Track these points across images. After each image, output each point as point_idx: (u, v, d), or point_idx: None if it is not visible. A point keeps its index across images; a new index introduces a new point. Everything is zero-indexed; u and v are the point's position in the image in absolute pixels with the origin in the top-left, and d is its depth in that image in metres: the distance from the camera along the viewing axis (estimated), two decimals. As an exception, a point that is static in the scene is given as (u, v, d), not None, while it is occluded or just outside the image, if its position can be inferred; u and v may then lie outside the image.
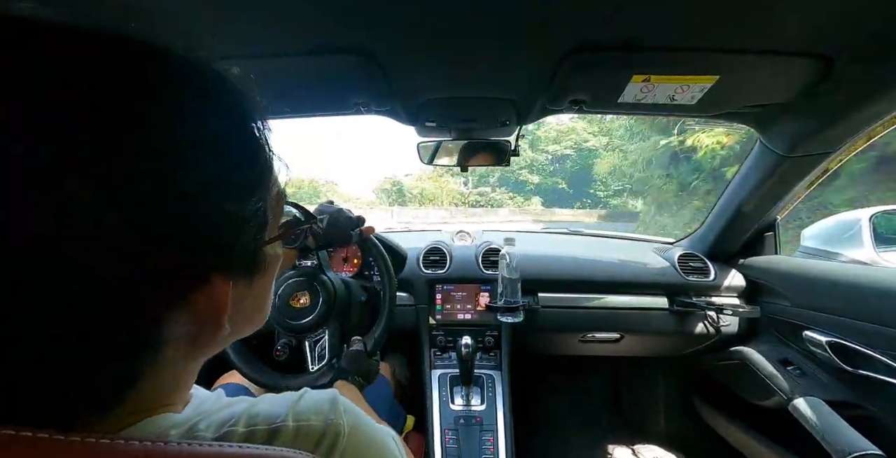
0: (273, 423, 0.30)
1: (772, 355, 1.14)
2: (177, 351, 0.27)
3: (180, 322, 0.25)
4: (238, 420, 0.30)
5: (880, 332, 0.86)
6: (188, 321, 0.25)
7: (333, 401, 0.35)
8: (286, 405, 0.32)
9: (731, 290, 1.26)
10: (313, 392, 0.36)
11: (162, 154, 0.22)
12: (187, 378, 0.32)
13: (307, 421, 0.31)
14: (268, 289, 0.35)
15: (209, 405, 0.32)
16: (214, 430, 0.29)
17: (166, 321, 0.24)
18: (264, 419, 0.30)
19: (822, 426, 0.92)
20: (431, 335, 1.24)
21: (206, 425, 0.29)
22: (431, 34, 0.67)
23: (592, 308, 1.27)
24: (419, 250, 1.36)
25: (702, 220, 1.39)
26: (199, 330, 0.27)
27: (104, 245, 0.20)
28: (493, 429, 1.05)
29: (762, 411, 1.22)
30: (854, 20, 0.61)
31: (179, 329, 0.25)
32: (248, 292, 0.31)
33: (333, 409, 0.34)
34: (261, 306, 0.35)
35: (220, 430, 0.29)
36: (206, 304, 0.25)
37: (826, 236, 1.18)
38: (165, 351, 0.25)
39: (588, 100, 0.87)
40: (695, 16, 0.61)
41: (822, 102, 0.83)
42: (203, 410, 0.31)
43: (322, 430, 0.31)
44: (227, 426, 0.29)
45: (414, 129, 1.13)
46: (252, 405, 0.32)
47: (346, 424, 0.33)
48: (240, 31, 0.66)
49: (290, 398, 0.34)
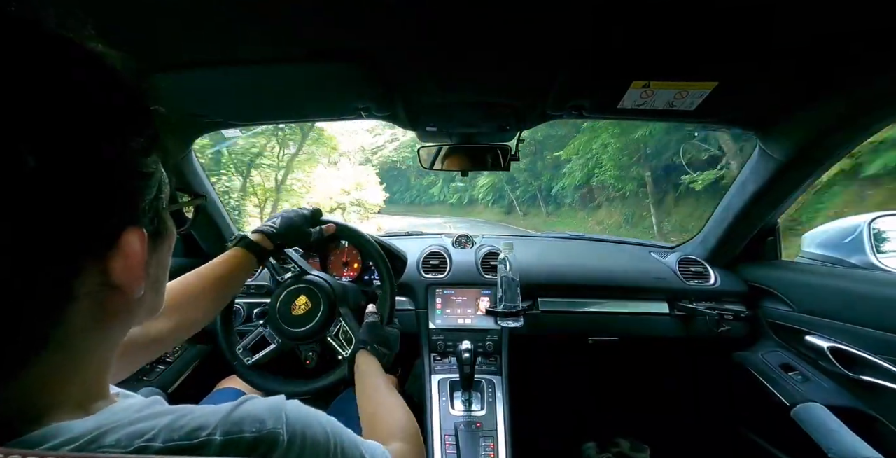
0: (197, 438, 0.27)
1: (773, 361, 1.13)
2: (85, 319, 0.26)
3: (95, 276, 0.26)
4: (156, 435, 0.26)
5: (882, 337, 0.86)
6: (103, 278, 0.27)
7: (274, 408, 0.32)
8: (218, 415, 0.29)
9: (731, 295, 1.25)
10: (256, 400, 0.33)
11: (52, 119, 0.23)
12: (96, 367, 0.30)
13: (239, 433, 0.28)
14: (165, 266, 0.37)
15: (123, 415, 0.28)
16: (124, 445, 0.25)
17: (82, 271, 0.25)
18: (188, 433, 0.27)
19: (823, 431, 0.92)
20: (431, 340, 1.24)
21: (115, 439, 0.25)
22: (432, 40, 0.68)
23: (592, 313, 1.27)
24: (419, 255, 1.36)
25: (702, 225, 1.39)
26: (112, 293, 0.28)
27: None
28: (493, 435, 1.04)
29: (764, 416, 1.22)
30: (853, 26, 0.61)
31: (93, 285, 0.26)
32: (154, 259, 0.33)
33: (273, 416, 0.31)
34: (160, 286, 0.36)
35: (132, 444, 0.25)
36: (121, 260, 0.27)
37: (827, 241, 1.18)
38: (74, 317, 0.26)
39: (588, 105, 0.88)
40: (693, 22, 0.62)
41: (821, 108, 0.84)
42: (114, 420, 0.27)
43: (253, 441, 0.29)
44: (142, 440, 0.25)
45: (415, 133, 1.14)
46: (179, 416, 0.28)
47: (286, 432, 0.30)
48: (243, 39, 0.67)
49: (223, 409, 0.30)
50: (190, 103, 0.90)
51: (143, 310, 0.34)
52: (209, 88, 0.84)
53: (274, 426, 0.30)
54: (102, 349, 0.30)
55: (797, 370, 1.07)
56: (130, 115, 0.28)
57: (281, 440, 0.30)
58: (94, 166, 0.24)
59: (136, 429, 0.26)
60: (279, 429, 0.30)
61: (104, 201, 0.25)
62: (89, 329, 0.27)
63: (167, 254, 0.37)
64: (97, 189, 0.25)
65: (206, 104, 0.92)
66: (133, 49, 0.75)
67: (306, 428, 0.33)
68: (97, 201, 0.25)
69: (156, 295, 0.36)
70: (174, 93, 0.83)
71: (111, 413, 0.28)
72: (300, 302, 0.88)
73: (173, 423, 0.27)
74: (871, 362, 0.87)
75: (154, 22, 0.61)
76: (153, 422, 0.27)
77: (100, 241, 0.26)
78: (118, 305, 0.29)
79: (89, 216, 0.25)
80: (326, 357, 0.90)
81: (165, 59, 0.73)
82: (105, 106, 0.26)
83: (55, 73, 0.24)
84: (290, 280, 0.91)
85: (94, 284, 0.26)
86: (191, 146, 1.14)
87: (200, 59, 0.73)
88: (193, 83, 0.81)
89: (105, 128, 0.25)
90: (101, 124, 0.25)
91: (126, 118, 0.27)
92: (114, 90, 0.27)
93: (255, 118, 1.06)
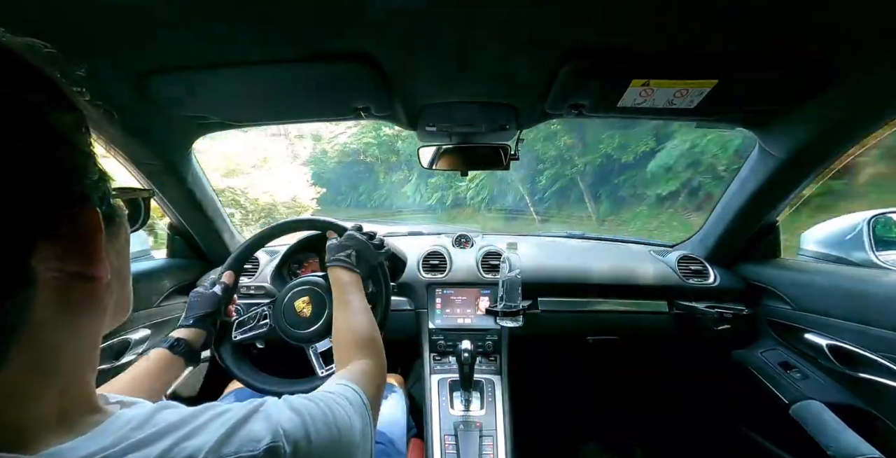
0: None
1: (772, 359, 1.14)
2: (48, 309, 0.26)
3: (50, 259, 0.25)
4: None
5: (881, 335, 0.86)
6: (60, 264, 0.26)
7: (271, 423, 0.33)
8: (211, 441, 0.29)
9: (730, 293, 1.25)
10: (251, 421, 0.32)
11: None
12: (72, 369, 0.29)
13: (234, 455, 0.29)
14: (125, 258, 0.36)
15: (118, 435, 0.27)
16: None
17: (35, 251, 0.25)
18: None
19: (822, 429, 0.92)
20: (431, 340, 1.24)
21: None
22: (432, 41, 0.67)
23: (592, 312, 1.27)
24: (419, 255, 1.36)
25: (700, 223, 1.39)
26: (73, 281, 0.27)
27: None
28: (492, 434, 1.04)
29: (763, 414, 1.22)
30: (854, 25, 0.61)
31: (51, 271, 0.26)
32: (111, 247, 0.33)
33: (270, 431, 0.32)
34: (124, 279, 0.36)
35: None
36: (74, 241, 0.27)
37: (826, 239, 1.18)
38: (37, 307, 0.25)
39: (587, 104, 0.88)
40: (693, 21, 0.61)
41: (822, 107, 0.84)
42: (106, 444, 0.26)
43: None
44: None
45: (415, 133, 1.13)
46: (178, 441, 0.28)
47: (286, 443, 0.31)
48: (242, 39, 0.67)
49: (219, 432, 0.30)
50: (189, 104, 0.90)
51: (112, 305, 0.33)
52: (208, 89, 0.83)
53: (273, 440, 0.31)
54: (74, 347, 0.29)
55: (796, 368, 1.08)
56: (41, 87, 0.27)
57: (283, 452, 0.31)
58: (19, 133, 0.24)
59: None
60: (278, 442, 0.31)
61: (35, 169, 0.25)
62: (55, 321, 0.26)
63: (125, 245, 0.36)
64: (23, 155, 0.24)
65: (205, 105, 0.92)
66: (133, 51, 0.75)
67: (305, 428, 0.34)
68: (27, 167, 0.24)
69: (122, 288, 0.35)
70: (174, 94, 0.83)
71: (103, 436, 0.27)
72: (304, 305, 0.88)
73: (169, 451, 0.27)
74: (870, 360, 0.87)
75: (153, 24, 0.61)
76: (149, 450, 0.26)
77: (47, 213, 0.25)
78: (82, 293, 0.28)
79: (22, 185, 0.24)
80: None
81: (165, 61, 0.73)
82: (10, 79, 0.25)
83: None
84: (303, 281, 0.91)
85: (51, 269, 0.26)
86: (191, 147, 1.13)
87: (201, 60, 0.72)
88: (193, 84, 0.80)
89: (18, 98, 0.25)
90: (12, 95, 0.25)
91: (37, 90, 0.27)
92: (16, 68, 0.26)
93: (254, 119, 1.06)
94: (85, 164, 0.29)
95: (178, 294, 1.23)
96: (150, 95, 0.80)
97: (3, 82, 0.25)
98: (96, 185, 0.30)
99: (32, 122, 0.25)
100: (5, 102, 0.24)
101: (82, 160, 0.29)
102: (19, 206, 0.24)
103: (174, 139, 1.06)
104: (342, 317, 0.71)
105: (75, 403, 0.29)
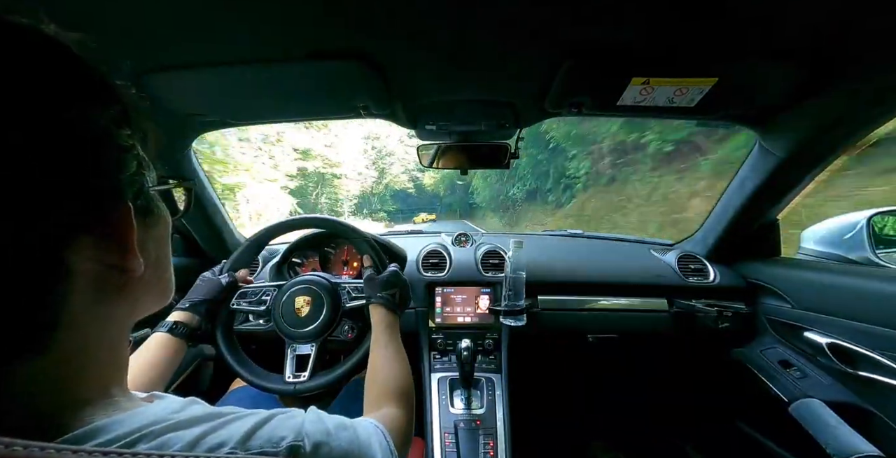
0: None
1: (772, 357, 1.14)
2: (87, 297, 0.27)
3: (88, 250, 0.26)
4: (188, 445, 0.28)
5: (881, 333, 0.86)
6: (97, 254, 0.27)
7: (295, 424, 0.34)
8: (241, 430, 0.30)
9: (730, 291, 1.25)
10: (279, 418, 0.34)
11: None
12: (108, 354, 0.30)
13: (259, 449, 0.30)
14: (164, 248, 0.37)
15: (161, 415, 0.29)
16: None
17: (73, 243, 0.25)
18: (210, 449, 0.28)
19: (822, 427, 0.92)
20: (431, 338, 1.24)
21: (149, 446, 0.26)
22: (431, 38, 0.67)
23: (592, 310, 1.27)
24: (418, 254, 1.36)
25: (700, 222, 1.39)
26: (110, 272, 0.28)
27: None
28: (492, 433, 1.04)
29: (762, 412, 1.22)
30: (853, 22, 0.61)
31: (88, 262, 0.26)
32: (149, 238, 0.33)
33: (293, 431, 0.33)
34: (162, 268, 0.36)
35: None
36: (110, 234, 0.28)
37: (826, 238, 1.18)
38: (76, 295, 0.26)
39: (587, 102, 0.88)
40: (693, 19, 0.61)
41: (822, 104, 0.83)
42: (152, 421, 0.28)
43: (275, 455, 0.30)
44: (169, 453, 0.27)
45: (415, 132, 1.13)
46: (212, 428, 0.30)
47: (307, 443, 0.32)
48: (242, 38, 0.66)
49: (248, 423, 0.32)
50: (188, 102, 0.90)
51: (150, 293, 0.35)
52: (208, 87, 0.83)
53: (295, 439, 0.32)
54: (111, 333, 0.30)
55: (795, 367, 1.08)
56: (86, 83, 0.28)
57: (303, 451, 0.32)
58: (57, 130, 0.25)
59: (167, 439, 0.27)
60: (300, 441, 0.32)
61: (76, 163, 0.25)
62: (91, 311, 0.28)
63: (164, 235, 0.37)
64: (66, 151, 0.25)
65: (204, 103, 0.92)
66: (132, 49, 0.74)
67: (327, 434, 0.35)
68: (68, 163, 0.25)
69: (160, 277, 0.36)
70: (173, 92, 0.83)
71: (144, 416, 0.28)
72: (304, 303, 0.88)
73: (202, 437, 0.28)
74: (870, 358, 0.87)
75: (152, 22, 0.61)
76: (185, 432, 0.28)
77: (82, 209, 0.26)
78: (116, 284, 0.29)
79: (63, 180, 0.25)
80: (326, 357, 0.90)
81: (164, 59, 0.72)
82: (58, 75, 0.26)
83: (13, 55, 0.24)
84: (303, 279, 0.92)
85: (88, 260, 0.27)
86: (190, 145, 1.13)
87: (199, 58, 0.72)
88: (192, 82, 0.80)
89: (62, 94, 0.26)
90: (58, 91, 0.25)
91: (81, 86, 0.27)
92: (66, 64, 0.27)
93: (253, 117, 1.06)
94: (122, 158, 0.30)
95: (177, 292, 1.22)
96: (148, 92, 0.80)
97: (49, 78, 0.25)
98: (132, 179, 0.31)
99: (71, 118, 0.26)
100: (44, 97, 0.24)
101: (119, 155, 0.29)
102: (56, 202, 0.24)
103: (173, 137, 1.06)
104: (381, 356, 0.70)
105: (111, 387, 0.30)
